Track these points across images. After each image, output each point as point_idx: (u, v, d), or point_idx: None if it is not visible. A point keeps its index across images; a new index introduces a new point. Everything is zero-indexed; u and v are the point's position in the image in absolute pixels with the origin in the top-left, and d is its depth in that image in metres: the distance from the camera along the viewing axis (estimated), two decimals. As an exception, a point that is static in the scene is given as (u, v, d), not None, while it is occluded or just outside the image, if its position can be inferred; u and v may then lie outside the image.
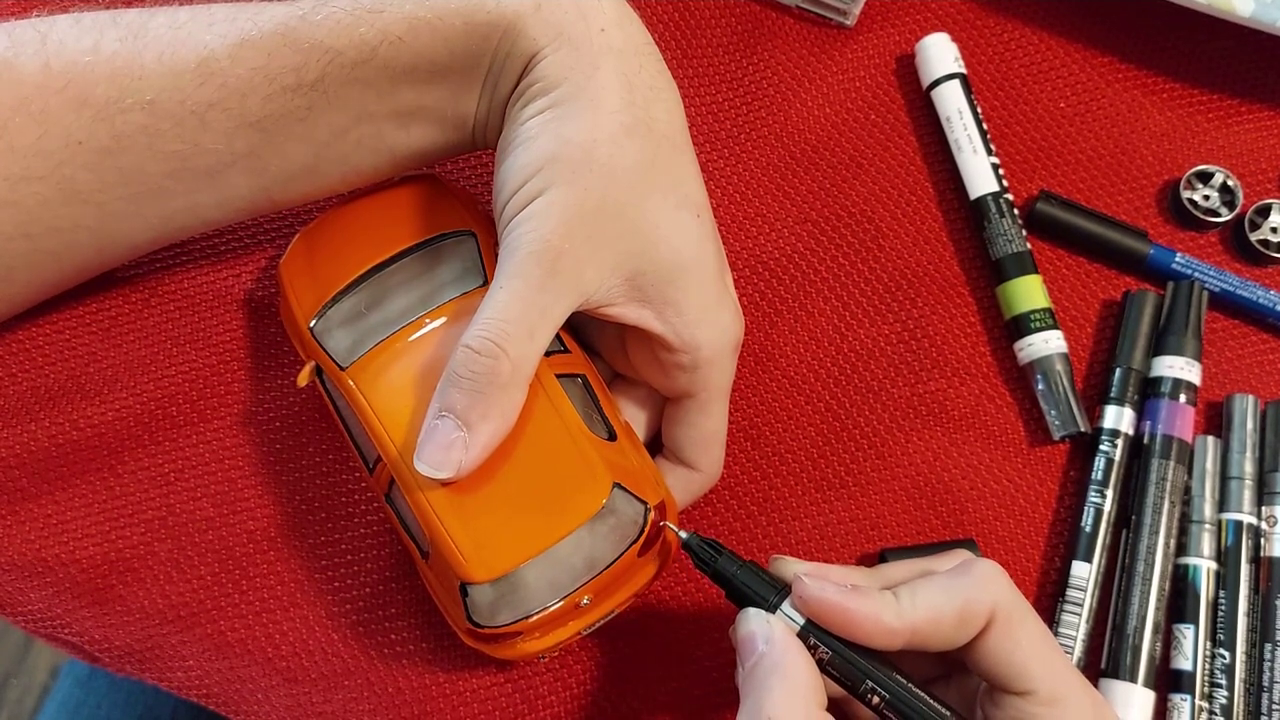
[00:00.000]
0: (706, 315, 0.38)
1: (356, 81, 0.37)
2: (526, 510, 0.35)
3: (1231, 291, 0.46)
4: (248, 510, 0.44)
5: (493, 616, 0.36)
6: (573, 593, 0.36)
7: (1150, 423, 0.44)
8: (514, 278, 0.35)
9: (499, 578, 0.35)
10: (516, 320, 0.34)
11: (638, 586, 0.38)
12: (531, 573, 0.36)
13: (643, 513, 0.37)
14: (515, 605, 0.36)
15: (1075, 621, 0.42)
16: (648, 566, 0.38)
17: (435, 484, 0.35)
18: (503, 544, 0.35)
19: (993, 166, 0.47)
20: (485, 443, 0.34)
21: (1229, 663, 0.42)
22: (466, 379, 0.34)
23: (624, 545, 0.36)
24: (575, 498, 0.35)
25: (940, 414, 0.46)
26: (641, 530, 0.36)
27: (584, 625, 0.38)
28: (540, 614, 0.36)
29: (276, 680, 0.42)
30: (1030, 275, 0.46)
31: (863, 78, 0.50)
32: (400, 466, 0.36)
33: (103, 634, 0.42)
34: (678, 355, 0.38)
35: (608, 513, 0.36)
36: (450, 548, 0.35)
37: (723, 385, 0.40)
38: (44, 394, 0.44)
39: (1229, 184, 0.48)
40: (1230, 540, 0.43)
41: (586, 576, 0.36)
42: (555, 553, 0.35)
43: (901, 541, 0.44)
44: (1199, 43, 0.50)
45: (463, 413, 0.34)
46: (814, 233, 0.48)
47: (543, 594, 0.36)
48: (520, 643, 0.37)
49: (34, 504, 0.44)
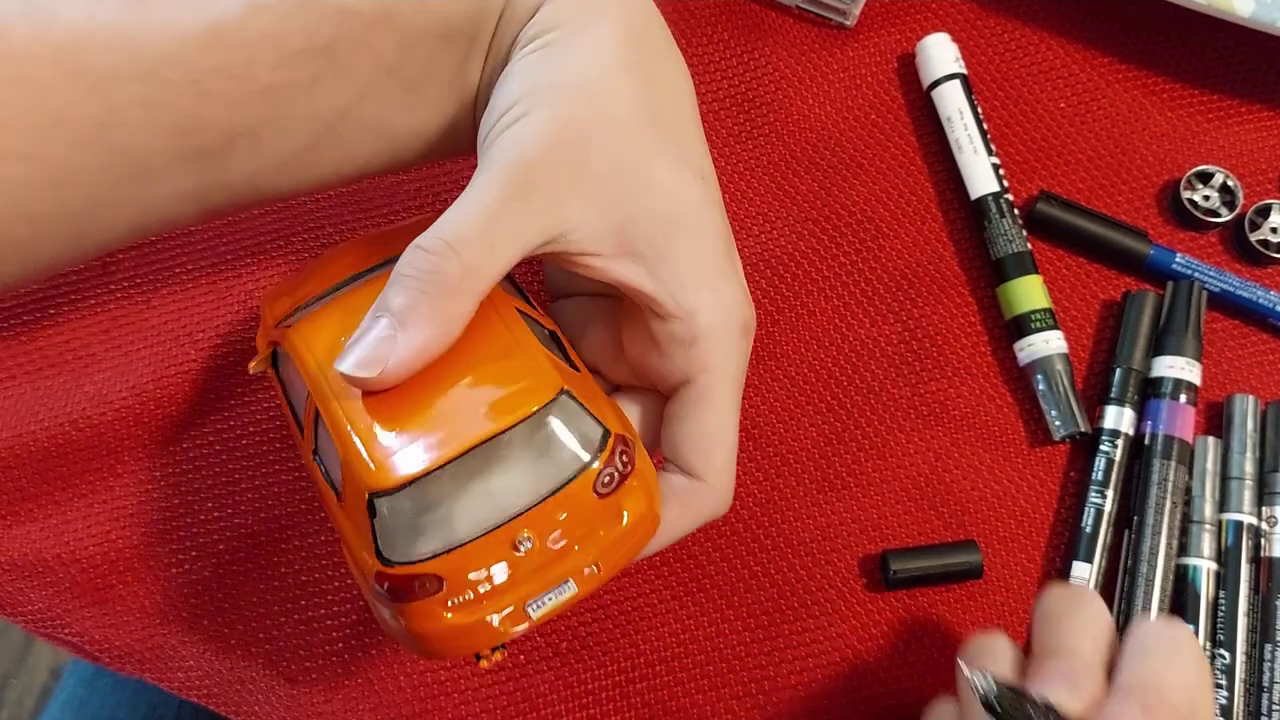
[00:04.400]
0: (707, 280, 0.34)
1: (368, 47, 0.34)
2: (453, 414, 0.30)
3: (1231, 292, 0.46)
4: (248, 510, 0.44)
5: (408, 547, 0.30)
6: (508, 522, 0.30)
7: (1151, 423, 0.44)
8: (482, 189, 0.31)
9: (411, 481, 0.29)
10: (477, 226, 0.31)
11: (601, 553, 0.32)
12: (456, 494, 0.30)
13: (601, 436, 0.31)
14: (435, 533, 0.30)
15: (1075, 621, 0.42)
16: (617, 532, 0.32)
17: (355, 396, 0.31)
18: (419, 447, 0.30)
19: (993, 166, 0.47)
20: (418, 346, 0.30)
21: (1229, 663, 0.42)
22: (409, 276, 0.30)
23: (573, 469, 0.31)
24: (512, 399, 0.30)
25: (941, 414, 0.46)
26: (597, 454, 0.31)
27: (533, 592, 0.31)
28: (467, 544, 0.30)
29: (277, 680, 0.42)
30: (1030, 275, 0.46)
31: (863, 78, 0.50)
32: (320, 382, 0.32)
33: (102, 634, 0.42)
34: (672, 324, 0.34)
35: (553, 425, 0.31)
36: (355, 453, 0.30)
37: (729, 371, 0.35)
38: (44, 394, 0.44)
39: (1229, 184, 0.48)
40: (1230, 540, 0.43)
41: (526, 502, 0.30)
42: (486, 468, 0.30)
43: (903, 542, 0.44)
44: (1199, 43, 0.50)
45: (399, 311, 0.30)
46: (814, 232, 0.48)
47: (471, 521, 0.30)
48: (452, 613, 0.31)
49: (33, 504, 0.44)
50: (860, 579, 0.44)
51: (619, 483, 0.32)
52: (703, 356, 0.34)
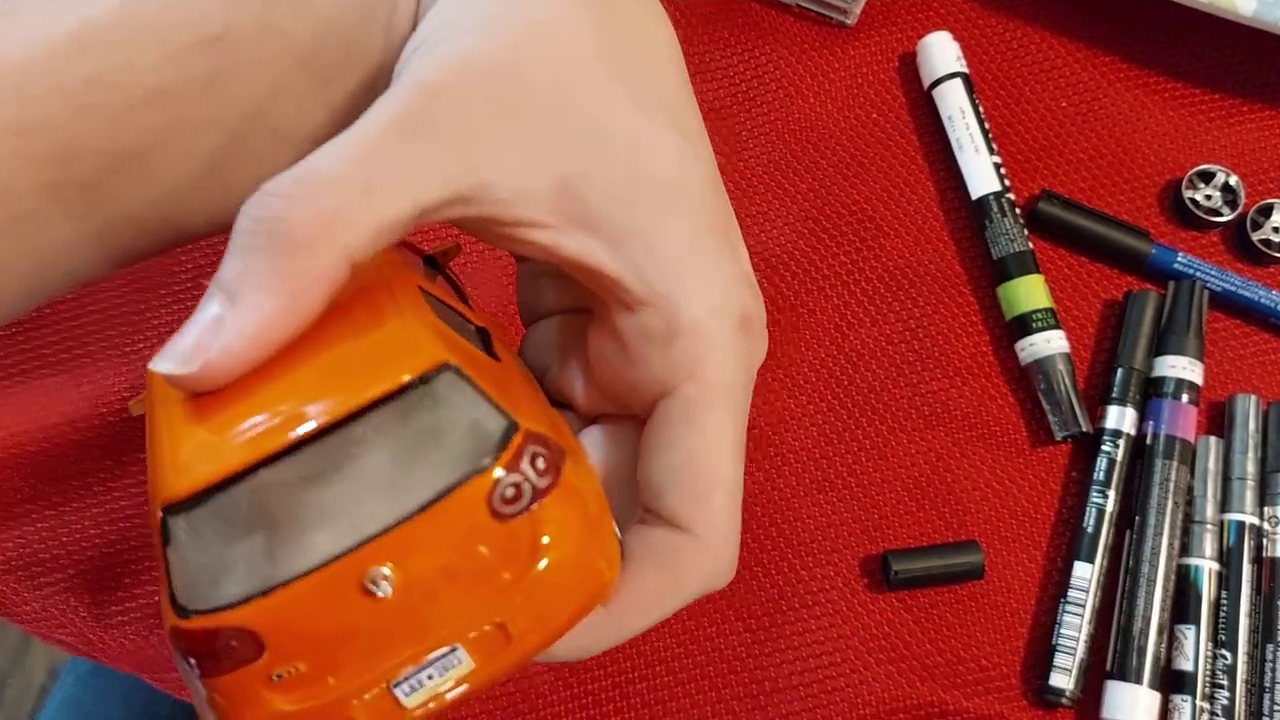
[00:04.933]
0: (691, 259, 0.26)
1: (273, 31, 0.27)
2: (288, 402, 0.22)
3: (1233, 291, 0.46)
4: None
5: (211, 589, 0.21)
6: (355, 548, 0.21)
7: (1152, 423, 0.44)
8: (365, 119, 0.24)
9: (214, 486, 0.21)
10: (348, 161, 0.23)
11: (506, 607, 0.22)
12: (285, 510, 0.21)
13: (502, 429, 0.22)
14: (250, 567, 0.21)
15: (1077, 622, 0.42)
16: (531, 577, 0.22)
17: (183, 401, 0.22)
18: (234, 445, 0.21)
19: (994, 166, 0.47)
20: (252, 325, 0.22)
21: (1231, 663, 0.42)
22: (243, 232, 0.22)
23: (455, 474, 0.22)
24: (370, 375, 0.22)
25: (942, 414, 0.45)
26: (494, 453, 0.22)
27: (400, 664, 0.22)
28: (294, 581, 0.21)
29: (275, 681, 0.42)
30: (1032, 275, 0.46)
31: (864, 76, 0.50)
32: (149, 390, 0.24)
33: (98, 635, 0.42)
34: (644, 315, 0.25)
35: (428, 411, 0.22)
36: (158, 462, 0.22)
37: (724, 381, 0.26)
38: (40, 394, 0.44)
39: (1231, 184, 0.48)
40: (1232, 541, 0.43)
41: (382, 520, 0.21)
42: (328, 473, 0.21)
43: (904, 543, 0.44)
44: (1201, 42, 0.50)
45: (229, 281, 0.22)
46: (815, 231, 0.48)
47: (303, 549, 0.21)
48: (279, 694, 0.21)
49: (30, 504, 0.43)
50: (861, 579, 0.43)
51: (531, 501, 0.22)
52: (688, 359, 0.26)
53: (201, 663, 0.21)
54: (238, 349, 0.22)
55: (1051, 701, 0.42)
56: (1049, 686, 0.42)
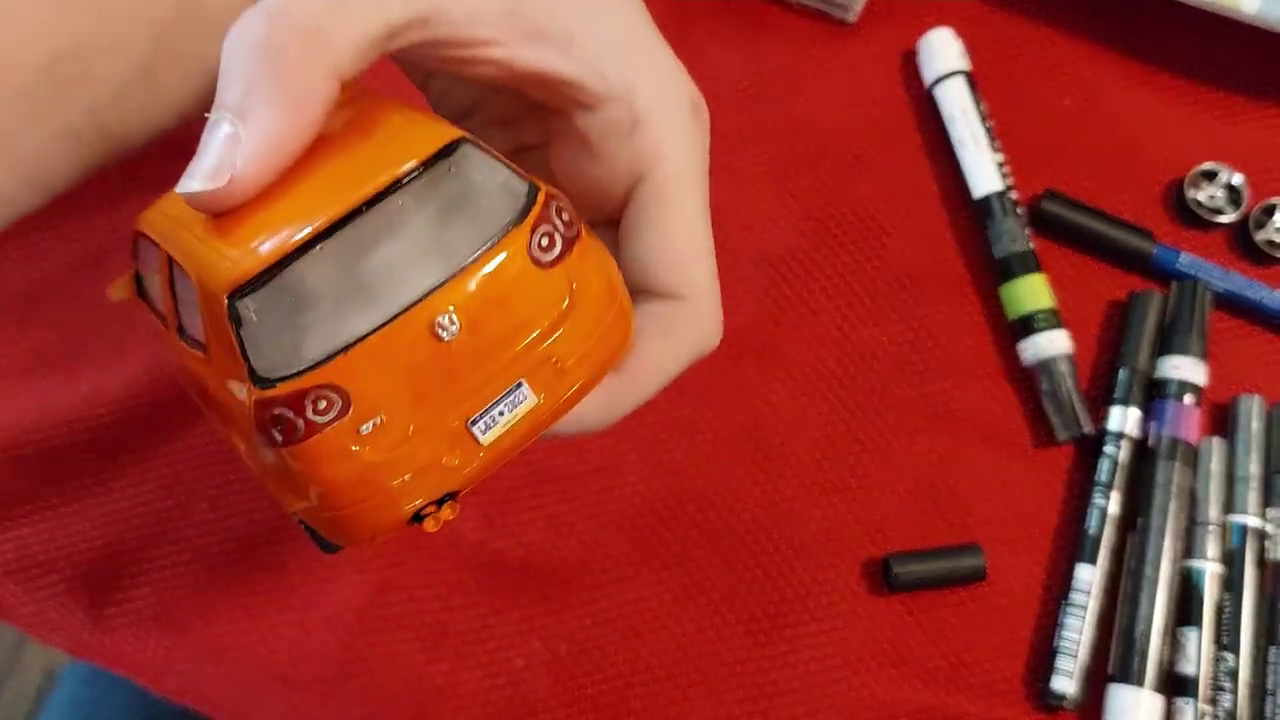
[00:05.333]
0: (636, 51, 0.28)
1: None
2: (323, 190, 0.24)
3: (1237, 292, 0.46)
4: (243, 511, 0.43)
5: (292, 354, 0.23)
6: (420, 300, 0.23)
7: (1156, 424, 0.44)
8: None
9: (279, 262, 0.23)
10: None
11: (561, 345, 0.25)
12: (346, 278, 0.23)
13: (527, 189, 0.25)
14: (326, 329, 0.23)
15: (1078, 625, 0.42)
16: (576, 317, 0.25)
17: (198, 224, 0.24)
18: (284, 232, 0.23)
19: (997, 164, 0.47)
20: (267, 135, 0.24)
21: (1234, 666, 0.42)
22: (236, 59, 0.24)
23: (497, 226, 0.24)
24: (398, 154, 0.24)
25: (944, 415, 0.45)
26: (526, 209, 0.25)
27: (475, 404, 0.24)
28: (372, 335, 0.23)
29: (272, 684, 0.42)
30: (1034, 275, 0.45)
31: (865, 74, 0.49)
32: (168, 227, 0.26)
33: (96, 638, 0.42)
34: (606, 110, 0.27)
35: (458, 177, 0.25)
36: (207, 261, 0.24)
37: (687, 161, 0.29)
38: (37, 394, 0.44)
39: (1234, 183, 0.48)
40: (1236, 543, 0.43)
41: (440, 275, 0.24)
42: (378, 241, 0.24)
43: (906, 544, 0.44)
44: (1204, 41, 0.50)
45: (235, 103, 0.24)
46: (816, 230, 0.47)
47: (371, 307, 0.23)
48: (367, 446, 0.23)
49: (29, 505, 0.43)
50: (862, 582, 0.43)
51: (564, 250, 0.25)
52: (651, 144, 0.28)
53: (289, 429, 0.23)
54: (260, 158, 0.23)
55: (1053, 705, 0.42)
56: (1051, 690, 0.41)
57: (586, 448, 0.44)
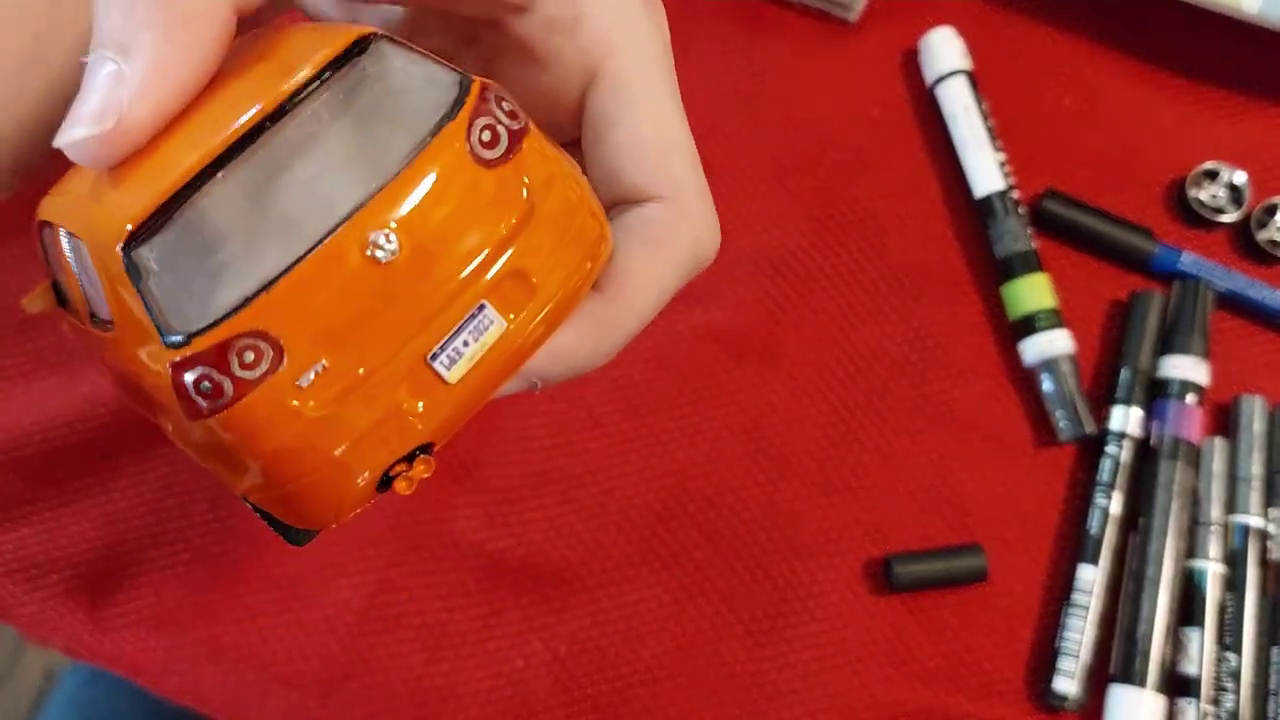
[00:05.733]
0: None
1: None
2: (221, 115, 0.20)
3: (1238, 292, 0.46)
4: (243, 512, 0.43)
5: (205, 303, 0.20)
6: (347, 217, 0.20)
7: (1158, 424, 0.44)
8: None
9: (173, 197, 0.19)
10: None
11: (522, 256, 0.21)
12: (258, 209, 0.20)
13: (457, 80, 0.22)
14: (242, 269, 0.20)
15: (1080, 625, 0.42)
16: (537, 221, 0.22)
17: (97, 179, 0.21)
18: (169, 163, 0.20)
19: (998, 164, 0.46)
20: (154, 66, 0.20)
21: (1236, 666, 0.41)
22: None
23: (428, 123, 0.21)
24: (294, 65, 0.21)
25: (945, 415, 0.45)
26: (459, 101, 0.21)
27: (431, 337, 0.21)
28: (295, 267, 0.19)
29: (272, 685, 0.42)
30: (1036, 274, 0.45)
31: (866, 73, 0.49)
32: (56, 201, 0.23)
33: (95, 638, 0.42)
34: (542, 7, 0.24)
35: (374, 75, 0.21)
36: (95, 214, 0.20)
37: (644, 49, 0.25)
38: (37, 395, 0.44)
39: (1235, 182, 0.47)
40: (1238, 543, 0.43)
41: (362, 190, 0.20)
42: (291, 161, 0.20)
43: (907, 545, 0.43)
44: (1205, 40, 0.50)
45: (113, 35, 0.20)
46: (817, 230, 0.47)
47: (291, 236, 0.20)
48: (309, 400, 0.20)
49: (28, 506, 0.43)
50: (864, 582, 0.43)
51: (511, 144, 0.22)
52: (600, 35, 0.25)
53: (214, 392, 0.19)
54: (149, 94, 0.20)
55: (1055, 705, 0.41)
56: (1052, 690, 0.41)
57: (587, 448, 0.44)
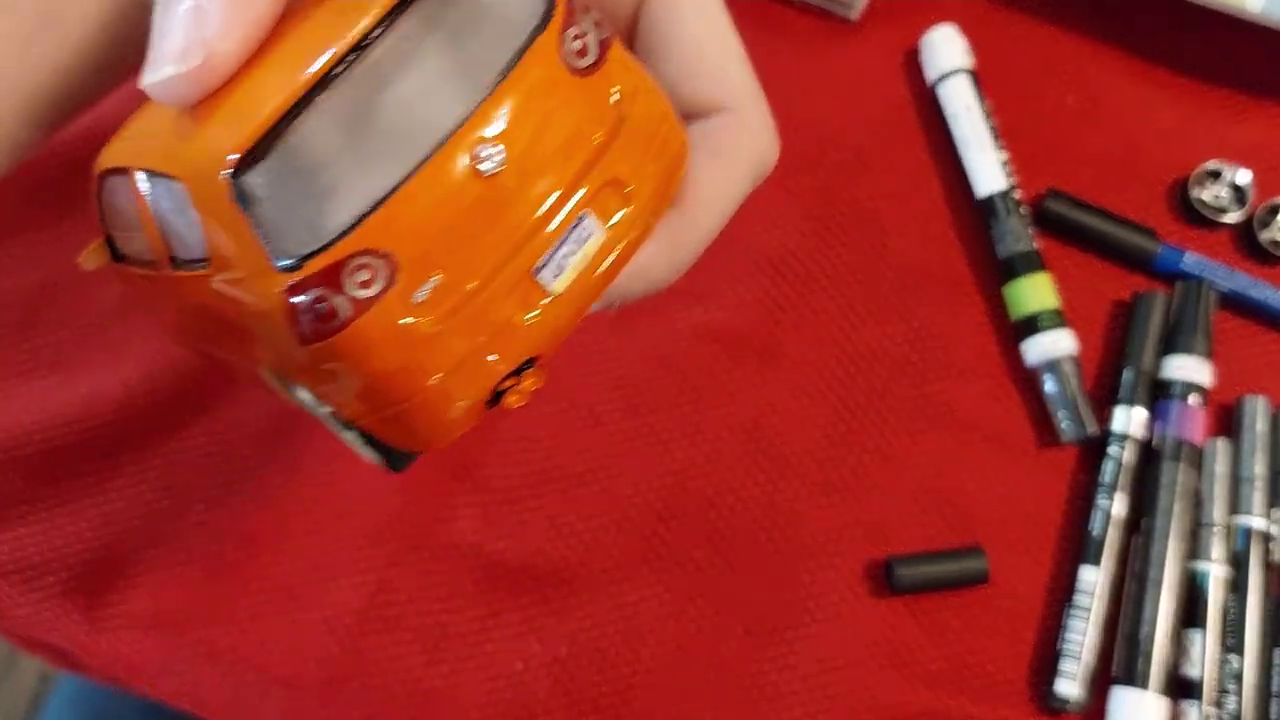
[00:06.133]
0: None
1: None
2: (310, 41, 0.20)
3: (1241, 292, 0.46)
4: (241, 513, 0.43)
5: (316, 225, 0.20)
6: (452, 134, 0.20)
7: (1160, 425, 0.44)
8: None
9: (279, 122, 0.20)
10: None
11: (618, 165, 0.22)
12: (360, 128, 0.20)
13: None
14: (351, 188, 0.20)
15: (1082, 627, 0.42)
16: (628, 131, 0.22)
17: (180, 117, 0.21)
18: (268, 89, 0.20)
19: (1000, 163, 0.46)
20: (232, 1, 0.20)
21: (1238, 669, 0.41)
22: None
23: (521, 34, 0.21)
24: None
25: (947, 416, 0.45)
26: (548, 15, 0.21)
27: (537, 248, 0.21)
28: (404, 184, 0.20)
29: (271, 686, 0.41)
30: (1038, 274, 0.45)
31: (868, 72, 0.49)
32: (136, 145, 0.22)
33: (91, 639, 0.42)
34: None
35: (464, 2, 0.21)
36: (195, 146, 0.20)
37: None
38: (35, 395, 0.44)
39: (1238, 182, 0.47)
40: (1241, 544, 0.43)
41: (465, 102, 0.20)
42: (389, 79, 0.20)
43: (908, 545, 0.43)
44: (1208, 40, 0.50)
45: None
46: (818, 230, 0.47)
47: (399, 153, 0.20)
48: (424, 315, 0.20)
49: (26, 506, 0.43)
50: (864, 584, 0.43)
51: (601, 52, 0.22)
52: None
53: (329, 314, 0.19)
54: (233, 24, 0.20)
55: (1057, 708, 0.41)
56: (1054, 693, 0.41)
57: (587, 448, 0.44)
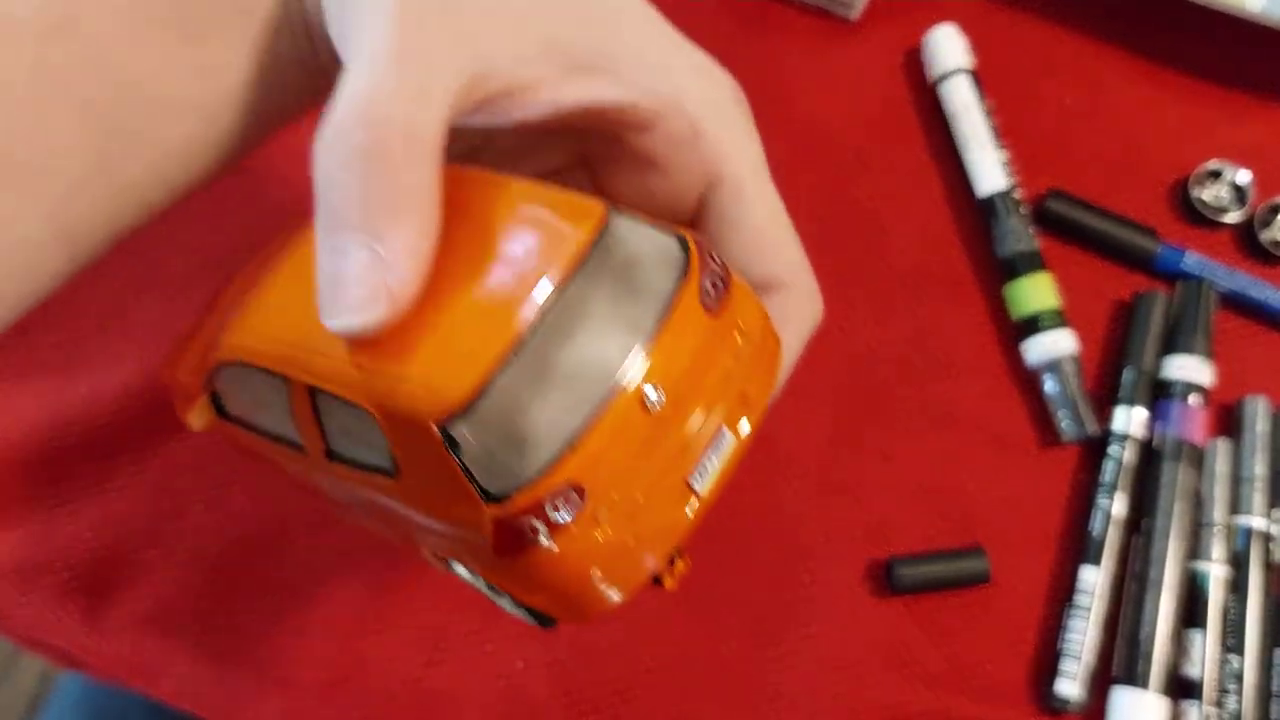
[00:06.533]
0: (674, 57, 0.28)
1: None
2: (491, 291, 0.23)
3: (1242, 292, 0.46)
4: (240, 514, 0.43)
5: (519, 464, 0.22)
6: (624, 381, 0.23)
7: (1161, 425, 0.44)
8: (370, 38, 0.24)
9: (486, 382, 0.22)
10: (391, 75, 0.23)
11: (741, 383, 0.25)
12: (546, 378, 0.23)
13: (678, 242, 0.25)
14: (545, 432, 0.23)
15: (1083, 627, 0.42)
16: (747, 353, 0.26)
17: (360, 346, 0.23)
18: (471, 345, 0.23)
19: (1001, 163, 0.46)
20: (411, 248, 0.22)
21: (1239, 669, 0.41)
22: (343, 172, 0.22)
23: (670, 288, 0.24)
24: (554, 241, 0.24)
25: (947, 416, 0.45)
26: (687, 263, 0.24)
27: (690, 460, 0.24)
28: (593, 425, 0.23)
29: (269, 688, 0.41)
30: (1039, 274, 0.45)
31: (868, 72, 0.49)
32: (301, 356, 0.25)
33: (92, 640, 0.42)
34: (664, 125, 0.27)
35: (620, 248, 0.24)
36: (398, 392, 0.23)
37: (752, 152, 0.29)
38: (34, 396, 0.44)
39: (1239, 182, 0.47)
40: (1241, 544, 0.43)
41: (635, 351, 0.23)
42: (566, 333, 0.23)
43: (909, 546, 0.43)
44: (1208, 39, 0.50)
45: (360, 220, 0.22)
46: (818, 230, 0.47)
47: (581, 399, 0.23)
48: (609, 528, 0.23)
49: (25, 507, 0.43)
50: (865, 584, 0.43)
51: (725, 288, 0.25)
52: (715, 146, 0.28)
53: (525, 538, 0.23)
54: (411, 274, 0.22)
55: (1058, 708, 0.41)
56: (1055, 693, 0.41)
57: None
